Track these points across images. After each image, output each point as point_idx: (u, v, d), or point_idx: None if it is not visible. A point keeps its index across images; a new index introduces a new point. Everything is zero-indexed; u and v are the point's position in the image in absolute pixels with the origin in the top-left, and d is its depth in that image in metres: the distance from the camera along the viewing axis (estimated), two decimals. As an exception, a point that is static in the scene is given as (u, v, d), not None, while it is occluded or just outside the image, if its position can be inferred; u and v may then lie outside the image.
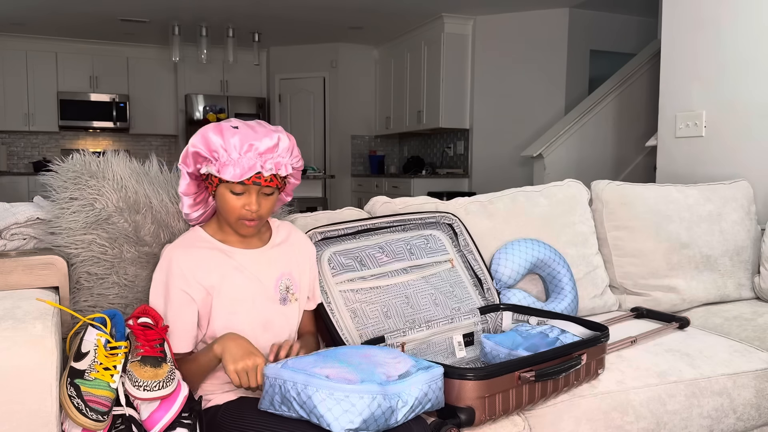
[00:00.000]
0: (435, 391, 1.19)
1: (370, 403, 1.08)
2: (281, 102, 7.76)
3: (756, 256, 2.29)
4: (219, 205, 1.32)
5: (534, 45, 5.92)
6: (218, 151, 1.24)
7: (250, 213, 1.29)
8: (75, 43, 7.18)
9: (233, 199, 1.28)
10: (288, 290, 1.41)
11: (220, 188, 1.29)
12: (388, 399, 1.11)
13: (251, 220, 1.30)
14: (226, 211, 1.30)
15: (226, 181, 1.27)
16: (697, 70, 2.83)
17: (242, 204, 1.28)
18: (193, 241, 1.35)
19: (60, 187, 1.42)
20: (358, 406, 1.07)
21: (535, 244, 1.92)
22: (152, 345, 1.20)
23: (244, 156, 1.24)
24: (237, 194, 1.28)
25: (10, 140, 7.25)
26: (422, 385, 1.16)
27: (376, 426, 1.10)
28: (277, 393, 1.15)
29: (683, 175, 2.90)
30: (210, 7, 5.84)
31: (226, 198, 1.28)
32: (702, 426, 1.57)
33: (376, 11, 5.97)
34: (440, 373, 1.22)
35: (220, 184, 1.28)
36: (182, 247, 1.34)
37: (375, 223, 1.71)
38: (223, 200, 1.29)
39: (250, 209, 1.28)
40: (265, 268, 1.38)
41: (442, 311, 1.66)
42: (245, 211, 1.29)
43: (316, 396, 1.09)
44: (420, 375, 1.17)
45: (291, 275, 1.42)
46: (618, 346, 1.69)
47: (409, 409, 1.14)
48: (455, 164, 6.59)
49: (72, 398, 1.06)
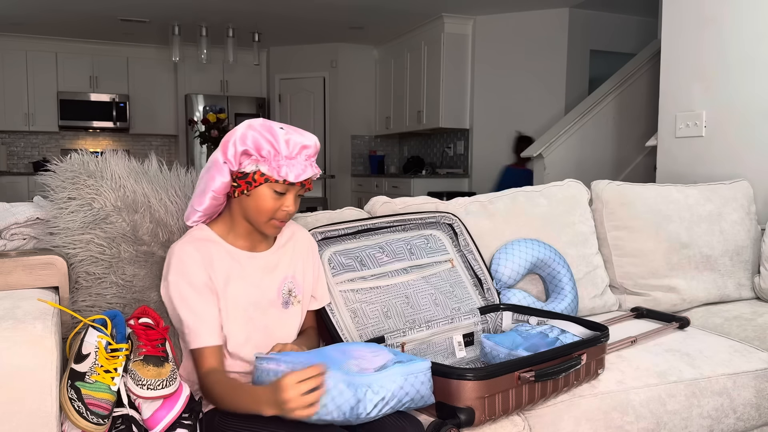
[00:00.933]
0: (415, 386, 1.18)
1: (331, 389, 1.09)
2: (281, 102, 7.75)
3: (756, 256, 2.28)
4: (251, 205, 1.28)
5: (534, 45, 5.92)
6: (271, 150, 1.23)
7: (286, 214, 1.29)
8: (75, 43, 7.18)
9: (272, 200, 1.27)
10: (291, 293, 1.40)
11: (261, 188, 1.26)
12: (353, 387, 1.10)
13: (282, 220, 1.30)
14: (259, 211, 1.28)
15: (273, 181, 1.25)
16: (698, 70, 2.83)
17: (280, 204, 1.28)
18: (203, 239, 1.33)
19: (58, 186, 1.42)
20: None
21: (535, 244, 1.91)
22: (154, 345, 1.20)
23: (296, 157, 1.25)
24: (278, 194, 1.27)
25: (10, 140, 7.25)
26: (397, 378, 1.15)
27: (342, 414, 1.09)
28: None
29: (683, 175, 2.90)
30: (210, 7, 5.84)
31: (266, 198, 1.27)
32: (702, 426, 1.57)
33: (376, 11, 5.97)
34: (423, 368, 1.20)
35: (263, 184, 1.26)
36: (192, 242, 1.31)
37: (375, 223, 1.70)
38: (261, 200, 1.27)
39: (288, 210, 1.29)
40: (269, 272, 1.38)
41: (442, 311, 1.66)
42: (281, 212, 1.29)
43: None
44: (395, 368, 1.16)
45: (294, 278, 1.41)
46: (618, 346, 1.69)
47: (381, 400, 1.12)
48: (455, 164, 6.59)
49: (72, 401, 1.06)
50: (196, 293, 1.27)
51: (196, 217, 1.34)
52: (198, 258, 1.29)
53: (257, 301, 1.35)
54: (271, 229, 1.31)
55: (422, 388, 1.20)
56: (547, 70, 5.91)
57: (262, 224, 1.30)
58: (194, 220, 1.35)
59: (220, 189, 1.28)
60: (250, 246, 1.37)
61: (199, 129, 5.56)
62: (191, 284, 1.27)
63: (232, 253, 1.34)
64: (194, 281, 1.28)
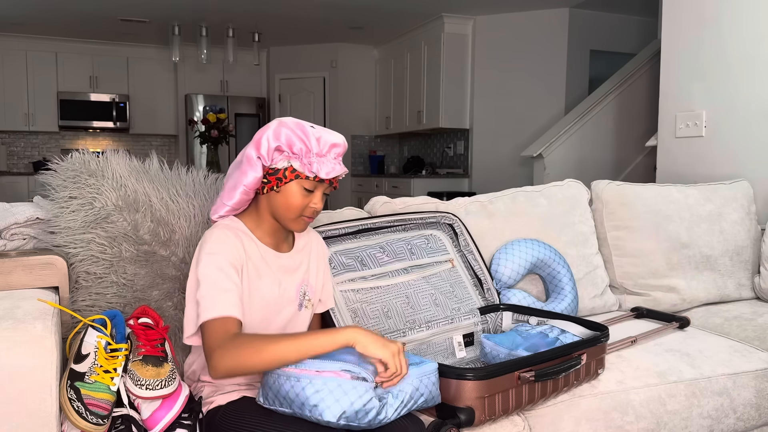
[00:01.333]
0: (428, 386, 1.21)
1: (363, 395, 1.10)
2: (281, 102, 7.75)
3: (756, 256, 2.28)
4: (280, 201, 1.29)
5: (534, 45, 5.92)
6: (303, 147, 1.25)
7: (314, 211, 1.31)
8: (75, 43, 7.18)
9: (302, 196, 1.28)
10: (305, 296, 1.41)
11: (291, 184, 1.28)
12: (379, 393, 1.13)
13: (310, 217, 1.32)
14: (288, 207, 1.29)
15: (303, 177, 1.27)
16: (698, 70, 2.83)
17: (309, 201, 1.30)
18: (237, 229, 1.32)
19: (59, 186, 1.42)
20: (351, 395, 1.10)
21: (535, 244, 1.91)
22: (153, 345, 1.20)
23: (327, 155, 1.27)
24: (307, 191, 1.29)
25: (10, 140, 7.25)
26: (413, 380, 1.18)
27: (367, 419, 1.11)
28: (271, 387, 1.16)
29: (683, 175, 2.90)
30: (210, 7, 5.84)
31: (296, 194, 1.28)
32: (702, 426, 1.57)
33: (376, 11, 5.97)
34: (433, 369, 1.23)
35: (294, 180, 1.27)
36: (230, 229, 1.30)
37: (375, 223, 1.70)
38: (291, 196, 1.28)
39: (316, 207, 1.30)
40: (290, 274, 1.38)
41: (442, 311, 1.66)
42: (309, 208, 1.30)
43: (309, 388, 1.10)
44: (411, 370, 1.19)
45: (309, 281, 1.42)
46: (618, 346, 1.69)
47: (401, 404, 1.15)
48: (455, 164, 6.59)
49: (72, 401, 1.06)
50: (230, 269, 1.24)
51: (223, 211, 1.34)
52: (236, 242, 1.29)
53: (277, 299, 1.35)
54: (299, 225, 1.33)
55: (434, 388, 1.22)
56: (547, 70, 5.91)
57: (290, 221, 1.31)
58: (221, 214, 1.34)
59: (251, 184, 1.29)
60: (274, 245, 1.37)
61: (199, 129, 5.56)
62: (228, 261, 1.25)
63: (262, 250, 1.34)
64: (231, 260, 1.25)
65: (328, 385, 1.10)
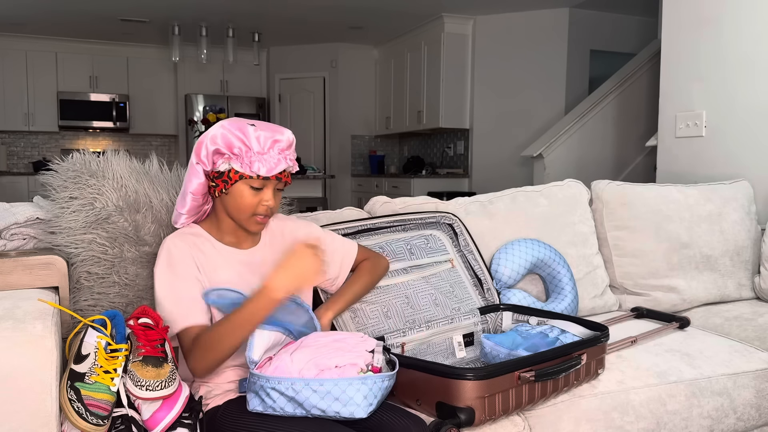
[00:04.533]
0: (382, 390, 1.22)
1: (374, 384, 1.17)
2: (281, 102, 7.75)
3: (756, 256, 2.28)
4: (231, 203, 1.31)
5: (534, 45, 5.92)
6: (242, 147, 1.26)
7: (267, 209, 1.31)
8: (75, 43, 7.18)
9: (250, 196, 1.29)
10: None
11: (237, 185, 1.29)
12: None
13: (265, 215, 1.32)
14: (239, 208, 1.30)
15: (248, 177, 1.27)
16: (698, 70, 2.83)
17: (259, 200, 1.30)
18: (191, 234, 1.36)
19: (60, 186, 1.42)
20: (374, 389, 1.17)
21: (535, 244, 1.91)
22: (153, 345, 1.19)
23: (268, 152, 1.27)
24: (256, 189, 1.29)
25: (10, 140, 7.25)
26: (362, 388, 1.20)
27: (380, 402, 1.19)
28: (273, 389, 1.16)
29: (683, 175, 2.90)
30: (210, 7, 5.84)
31: (244, 194, 1.29)
32: (702, 426, 1.57)
33: (376, 11, 5.97)
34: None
35: (239, 181, 1.28)
36: (180, 236, 1.35)
37: (375, 223, 1.70)
38: (239, 197, 1.29)
39: (269, 204, 1.31)
40: (256, 268, 1.38)
41: (442, 311, 1.66)
42: (262, 206, 1.31)
43: (336, 388, 1.14)
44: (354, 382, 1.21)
45: None
46: (618, 346, 1.69)
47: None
48: (455, 164, 6.59)
49: (72, 402, 1.06)
50: (181, 276, 1.29)
51: (182, 219, 1.37)
52: (186, 250, 1.32)
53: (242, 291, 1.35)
54: (254, 225, 1.34)
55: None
56: (547, 70, 5.91)
57: (244, 221, 1.33)
58: (181, 222, 1.38)
59: (197, 190, 1.32)
60: (237, 242, 1.39)
61: (199, 129, 5.57)
62: (175, 269, 1.29)
63: (219, 249, 1.36)
64: (179, 266, 1.30)
65: (354, 383, 1.15)
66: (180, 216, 1.37)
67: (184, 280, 1.29)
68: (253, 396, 1.18)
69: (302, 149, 7.59)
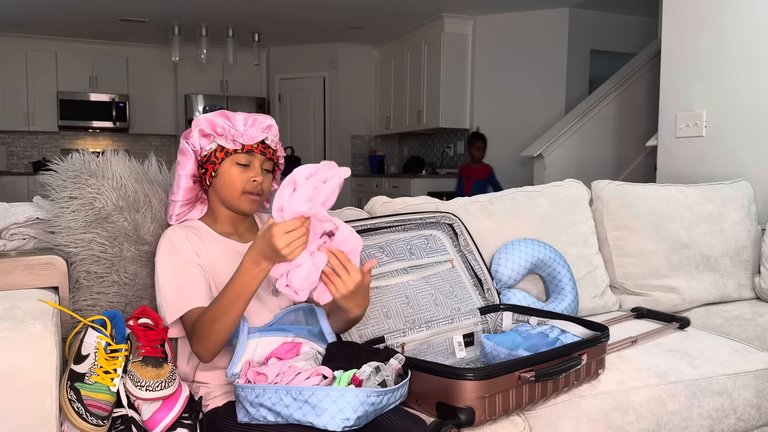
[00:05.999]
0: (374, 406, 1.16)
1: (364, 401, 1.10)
2: (281, 102, 7.75)
3: (756, 256, 2.28)
4: (221, 185, 1.35)
5: (534, 45, 5.92)
6: (226, 125, 1.33)
7: (256, 185, 1.35)
8: (75, 43, 7.18)
9: (238, 173, 1.34)
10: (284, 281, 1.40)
11: (225, 164, 1.34)
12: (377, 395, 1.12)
13: (256, 194, 1.36)
14: (229, 187, 1.35)
15: (232, 152, 1.33)
16: (698, 70, 2.83)
17: (247, 177, 1.34)
18: (192, 226, 1.39)
19: (59, 186, 1.42)
20: (353, 403, 1.09)
21: (535, 244, 1.91)
22: (153, 345, 1.19)
23: (250, 129, 1.34)
24: (243, 166, 1.34)
25: (10, 140, 7.24)
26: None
27: (366, 419, 1.12)
28: (259, 398, 1.13)
29: (683, 175, 2.90)
30: (210, 7, 5.84)
31: (232, 172, 1.34)
32: (702, 426, 1.57)
33: (376, 11, 5.96)
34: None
35: (225, 159, 1.34)
36: (180, 226, 1.38)
37: (375, 223, 1.70)
38: (228, 174, 1.34)
39: (257, 180, 1.35)
40: None
41: (442, 311, 1.66)
42: (250, 183, 1.35)
43: (313, 398, 1.09)
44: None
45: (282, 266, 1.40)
46: (618, 346, 1.69)
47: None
48: (455, 164, 6.59)
49: (72, 402, 1.06)
50: (185, 266, 1.31)
51: (176, 209, 1.39)
52: (186, 237, 1.35)
53: None
54: (246, 204, 1.37)
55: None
56: (547, 70, 5.91)
57: (236, 201, 1.36)
58: (176, 213, 1.40)
59: (188, 170, 1.36)
60: (236, 234, 1.42)
61: (199, 129, 5.56)
62: (180, 259, 1.32)
63: (218, 240, 1.39)
64: (182, 253, 1.32)
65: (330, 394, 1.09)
66: (173, 203, 1.39)
67: (186, 264, 1.31)
68: (240, 408, 1.17)
69: (302, 149, 7.59)
